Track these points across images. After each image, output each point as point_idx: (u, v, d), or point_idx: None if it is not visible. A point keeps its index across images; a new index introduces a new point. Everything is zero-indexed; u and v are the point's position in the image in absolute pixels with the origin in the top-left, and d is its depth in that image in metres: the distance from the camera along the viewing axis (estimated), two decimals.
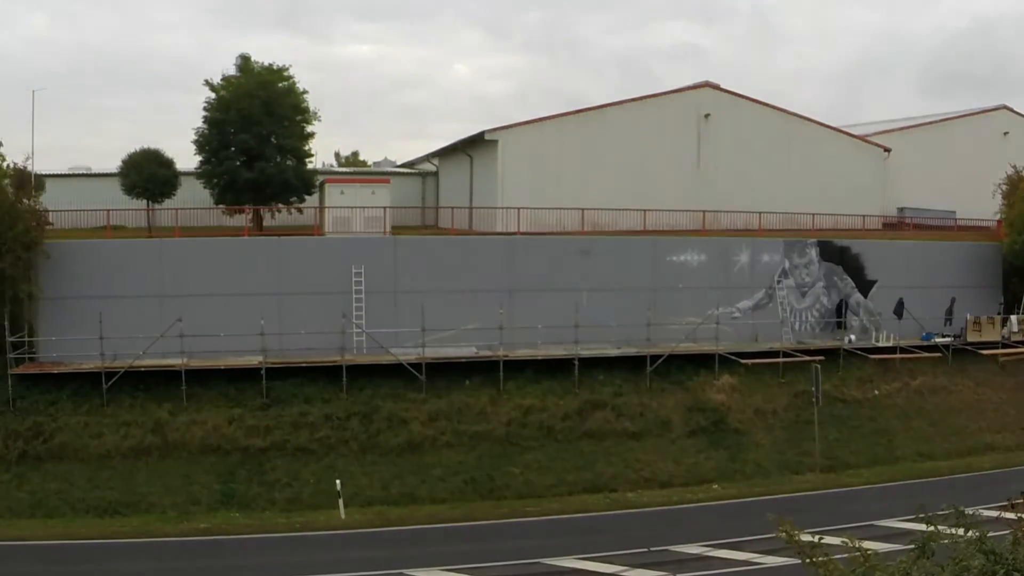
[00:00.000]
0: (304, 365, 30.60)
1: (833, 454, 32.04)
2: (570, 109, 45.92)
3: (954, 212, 48.09)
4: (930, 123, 55.48)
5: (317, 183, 43.45)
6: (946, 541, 7.26)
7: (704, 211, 41.21)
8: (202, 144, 41.89)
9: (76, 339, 29.07)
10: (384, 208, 37.80)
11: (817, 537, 7.54)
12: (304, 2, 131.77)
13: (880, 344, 36.48)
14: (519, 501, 28.43)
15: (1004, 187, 41.29)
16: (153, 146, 42.71)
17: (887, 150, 49.40)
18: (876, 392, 35.14)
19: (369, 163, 71.72)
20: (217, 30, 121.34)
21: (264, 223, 41.51)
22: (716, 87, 46.76)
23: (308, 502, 27.56)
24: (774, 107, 47.73)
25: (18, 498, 26.66)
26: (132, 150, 42.39)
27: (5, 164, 31.08)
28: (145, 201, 41.00)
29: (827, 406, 32.62)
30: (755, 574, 22.24)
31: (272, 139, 41.52)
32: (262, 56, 49.46)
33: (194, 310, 30.19)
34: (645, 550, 23.56)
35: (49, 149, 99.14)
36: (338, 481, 27.83)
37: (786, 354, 34.27)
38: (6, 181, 30.45)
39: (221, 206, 41.22)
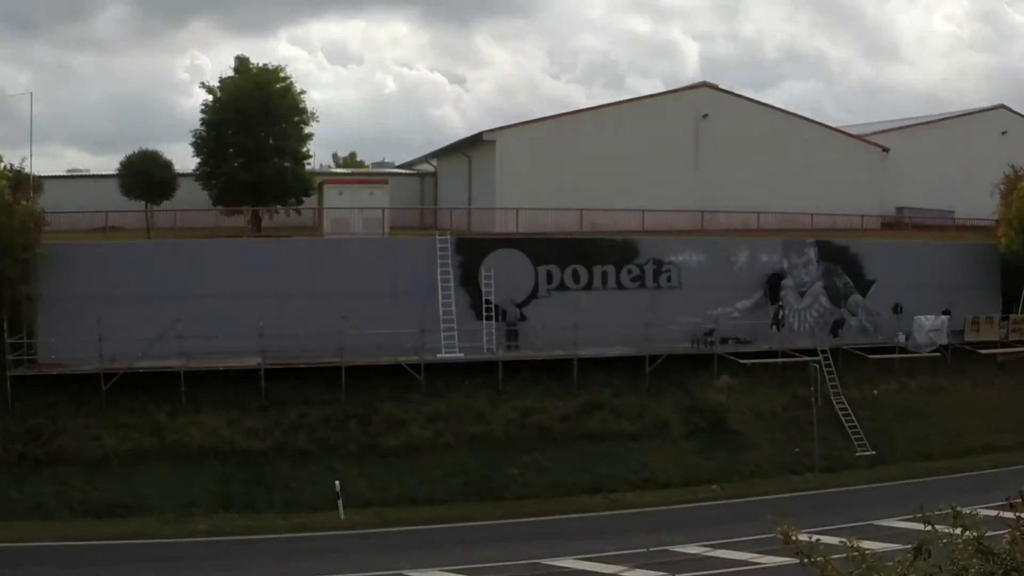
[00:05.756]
0: (303, 367, 30.58)
1: (832, 455, 32.04)
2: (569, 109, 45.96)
3: (952, 212, 48.05)
4: (928, 123, 55.45)
5: (316, 184, 43.44)
6: (944, 541, 7.25)
7: (703, 211, 41.20)
8: (200, 146, 41.88)
9: (75, 341, 29.01)
10: (383, 209, 37.77)
11: (815, 537, 7.52)
12: None
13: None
14: (518, 502, 28.44)
15: (1002, 187, 41.26)
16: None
17: (885, 150, 49.39)
18: (875, 392, 35.15)
19: (367, 164, 71.73)
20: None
21: (263, 224, 41.47)
22: (714, 87, 46.77)
23: (307, 504, 27.55)
24: (772, 107, 47.74)
25: (17, 500, 26.62)
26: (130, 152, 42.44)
27: (2, 166, 31.07)
28: (143, 202, 40.97)
29: (826, 406, 32.63)
30: (754, 574, 22.25)
31: (270, 140, 41.50)
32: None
33: (193, 312, 30.14)
34: (644, 550, 23.55)
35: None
36: (337, 483, 27.82)
37: (785, 354, 34.27)
38: (3, 183, 30.43)
39: (219, 207, 41.19)
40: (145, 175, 40.89)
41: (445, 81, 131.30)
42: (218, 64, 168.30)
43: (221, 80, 42.08)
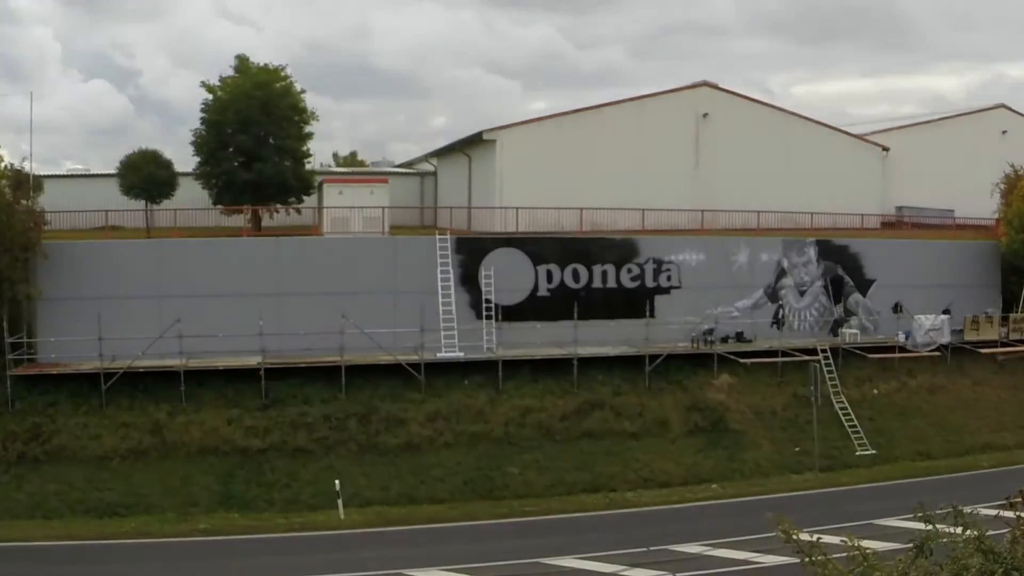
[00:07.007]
0: (303, 365, 30.59)
1: (832, 454, 32.05)
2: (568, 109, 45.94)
3: (952, 211, 48.09)
4: (928, 122, 55.51)
5: (316, 183, 43.46)
6: (944, 540, 7.25)
7: (703, 210, 41.19)
8: (200, 145, 41.89)
9: (75, 340, 29.03)
10: (383, 208, 37.76)
11: (816, 536, 7.52)
12: None
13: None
14: (518, 501, 28.45)
15: (1002, 186, 41.31)
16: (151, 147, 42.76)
17: (885, 149, 49.41)
18: (875, 391, 35.15)
19: (367, 163, 71.74)
20: None
21: (263, 223, 41.49)
22: (714, 87, 46.74)
23: (307, 503, 27.57)
24: (772, 106, 47.73)
25: (17, 499, 26.65)
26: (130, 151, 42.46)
27: (3, 165, 31.07)
28: (143, 202, 40.99)
29: (826, 406, 32.62)
30: (754, 573, 22.24)
31: (270, 140, 41.50)
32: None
33: (193, 311, 30.16)
34: (644, 550, 23.56)
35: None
36: (337, 481, 27.83)
37: (785, 353, 34.28)
38: (3, 182, 30.44)
39: (219, 206, 41.21)
40: (145, 174, 40.94)
41: None
42: None
43: (221, 79, 42.11)
